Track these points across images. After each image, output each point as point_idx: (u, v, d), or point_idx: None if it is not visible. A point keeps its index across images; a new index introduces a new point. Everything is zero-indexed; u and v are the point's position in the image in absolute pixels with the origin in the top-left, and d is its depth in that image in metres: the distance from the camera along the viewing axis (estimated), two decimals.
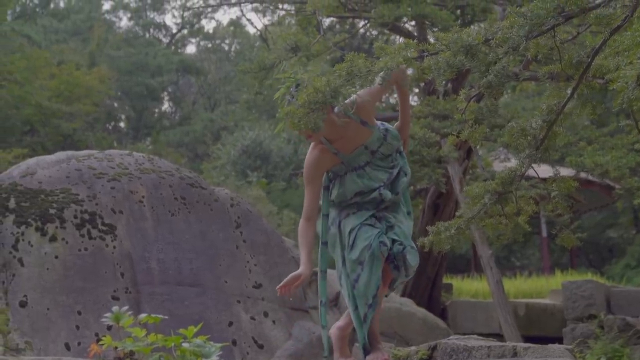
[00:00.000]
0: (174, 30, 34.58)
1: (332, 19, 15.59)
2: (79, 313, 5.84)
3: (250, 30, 37.83)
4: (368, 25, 12.88)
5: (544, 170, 4.55)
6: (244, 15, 47.47)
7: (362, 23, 12.90)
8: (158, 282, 6.30)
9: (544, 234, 16.88)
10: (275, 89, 3.76)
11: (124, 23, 34.43)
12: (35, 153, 14.63)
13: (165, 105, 33.62)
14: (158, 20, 34.41)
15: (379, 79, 3.37)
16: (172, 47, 33.57)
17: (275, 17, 21.89)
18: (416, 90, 15.26)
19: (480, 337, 4.42)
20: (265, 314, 6.63)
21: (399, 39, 13.94)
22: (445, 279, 12.71)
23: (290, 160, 20.87)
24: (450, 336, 4.77)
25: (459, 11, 11.45)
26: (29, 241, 6.02)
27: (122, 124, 31.44)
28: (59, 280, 5.93)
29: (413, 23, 11.12)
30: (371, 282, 3.58)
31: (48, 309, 5.77)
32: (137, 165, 7.05)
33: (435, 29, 9.88)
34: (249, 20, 52.58)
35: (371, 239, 3.60)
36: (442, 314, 10.75)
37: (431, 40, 4.00)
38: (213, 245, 6.75)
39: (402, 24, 10.89)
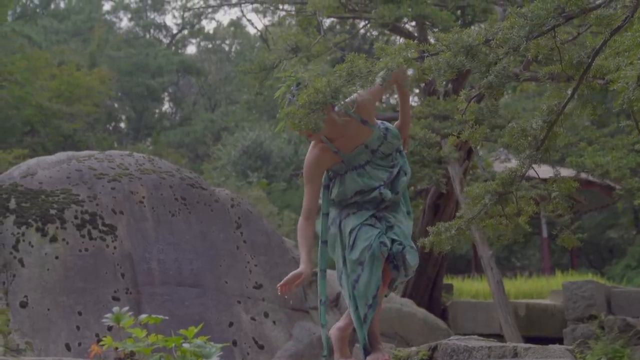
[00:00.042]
0: (175, 31, 34.62)
1: (333, 19, 15.59)
2: (80, 313, 5.84)
3: (251, 30, 37.90)
4: (368, 25, 12.88)
5: (544, 171, 4.55)
6: (244, 15, 47.55)
7: (363, 24, 12.90)
8: (158, 283, 6.30)
9: (545, 234, 16.88)
10: (275, 90, 3.76)
11: (124, 24, 34.48)
12: (36, 153, 14.63)
13: (165, 106, 33.64)
14: (158, 21, 34.43)
15: (379, 79, 3.37)
16: (173, 48, 33.58)
17: (276, 18, 21.90)
18: (416, 90, 15.27)
19: (480, 338, 4.42)
20: (266, 315, 6.63)
21: (400, 40, 13.94)
22: (446, 280, 12.70)
23: (291, 161, 20.87)
24: (451, 337, 4.77)
25: (459, 12, 11.46)
26: (29, 242, 6.02)
27: (123, 125, 31.44)
28: (60, 281, 5.93)
29: (413, 23, 11.11)
30: (371, 283, 3.58)
31: (48, 310, 5.77)
32: (138, 166, 7.05)
33: (435, 30, 9.88)
34: (249, 20, 52.62)
35: (371, 240, 3.60)
36: (443, 314, 10.74)
37: (431, 40, 4.00)
38: (213, 246, 6.75)
39: (403, 25, 10.88)
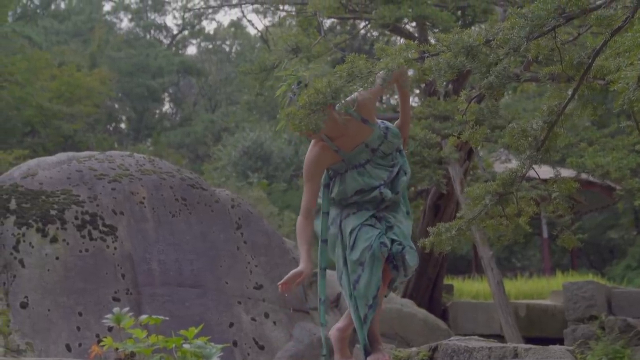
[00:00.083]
0: (175, 32, 34.63)
1: (333, 20, 15.58)
2: (80, 314, 5.84)
3: (251, 31, 37.95)
4: (369, 26, 12.87)
5: (544, 171, 4.55)
6: (244, 16, 47.53)
7: (363, 24, 12.90)
8: (159, 283, 6.29)
9: (545, 235, 16.88)
10: (275, 90, 3.77)
11: (124, 24, 34.49)
12: (36, 154, 14.64)
13: (166, 107, 33.65)
14: (159, 22, 34.43)
15: (380, 79, 3.38)
16: (173, 49, 33.59)
17: (276, 18, 21.89)
18: (417, 91, 15.27)
19: (481, 338, 4.42)
20: (266, 315, 6.63)
21: (400, 40, 13.94)
22: (446, 280, 12.70)
23: (291, 162, 20.87)
24: (451, 337, 4.77)
25: (459, 12, 11.45)
26: (29, 242, 6.02)
27: (123, 125, 31.45)
28: (60, 282, 5.93)
29: (414, 24, 11.11)
30: (371, 283, 3.58)
31: (49, 310, 5.77)
32: (138, 167, 7.05)
33: (436, 30, 9.88)
34: (249, 21, 52.61)
35: (372, 240, 3.60)
36: (443, 315, 10.74)
37: (432, 41, 3.99)
38: (214, 247, 6.75)
39: (403, 25, 10.88)
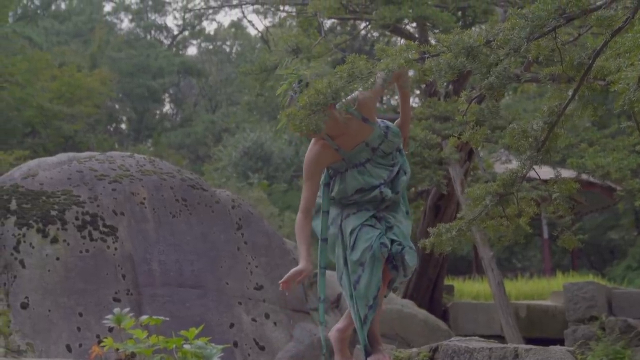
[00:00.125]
0: (175, 32, 34.63)
1: (333, 20, 15.60)
2: (80, 315, 5.84)
3: (252, 31, 37.99)
4: (369, 27, 12.88)
5: (545, 172, 4.55)
6: (245, 17, 47.46)
7: (364, 25, 12.91)
8: (159, 284, 6.29)
9: (545, 235, 16.88)
10: (276, 91, 3.77)
11: (125, 25, 34.50)
12: (37, 155, 14.64)
13: (166, 107, 33.65)
14: (159, 22, 34.43)
15: (380, 80, 3.38)
16: (174, 49, 33.60)
17: (277, 19, 21.91)
18: (417, 92, 15.28)
19: (481, 339, 4.42)
20: (267, 316, 6.62)
21: (400, 41, 13.94)
22: (447, 281, 12.70)
23: (292, 162, 20.88)
24: (452, 338, 4.77)
25: (460, 13, 11.45)
26: (30, 243, 6.02)
27: (124, 126, 31.45)
28: (60, 282, 5.93)
29: (414, 25, 11.12)
30: (372, 284, 3.59)
31: (49, 311, 5.77)
32: (139, 167, 7.05)
33: (436, 31, 9.88)
34: (250, 22, 52.62)
35: (372, 241, 3.60)
36: (444, 315, 10.74)
37: (432, 41, 3.99)
38: (214, 247, 6.75)
39: (404, 26, 10.89)
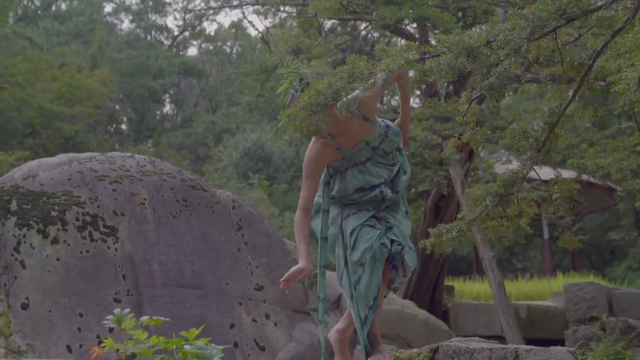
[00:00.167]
0: (176, 33, 34.64)
1: (334, 21, 15.61)
2: (81, 315, 5.84)
3: (252, 32, 37.96)
4: (370, 27, 12.88)
5: (545, 173, 4.55)
6: (245, 17, 47.46)
7: (364, 25, 12.92)
8: (160, 285, 6.29)
9: (546, 236, 16.88)
10: (276, 91, 3.77)
11: (125, 25, 34.51)
12: (37, 155, 14.64)
13: (166, 108, 33.66)
14: (160, 23, 34.45)
15: (381, 80, 3.38)
16: (174, 50, 33.61)
17: (277, 20, 21.93)
18: (418, 92, 15.28)
19: (482, 340, 4.42)
20: (267, 316, 6.62)
21: (401, 41, 13.95)
22: (447, 281, 12.70)
23: (292, 163, 20.88)
24: (452, 338, 4.77)
25: (460, 13, 11.46)
26: (30, 243, 6.02)
27: (124, 126, 31.45)
28: (61, 283, 5.93)
29: (415, 25, 11.12)
30: (372, 284, 3.58)
31: (50, 311, 5.77)
32: (139, 168, 7.05)
33: (436, 31, 9.89)
34: (250, 22, 52.59)
35: (372, 241, 3.60)
36: (444, 316, 10.74)
37: (433, 42, 3.99)
38: (215, 248, 6.75)
39: (404, 26, 10.89)
